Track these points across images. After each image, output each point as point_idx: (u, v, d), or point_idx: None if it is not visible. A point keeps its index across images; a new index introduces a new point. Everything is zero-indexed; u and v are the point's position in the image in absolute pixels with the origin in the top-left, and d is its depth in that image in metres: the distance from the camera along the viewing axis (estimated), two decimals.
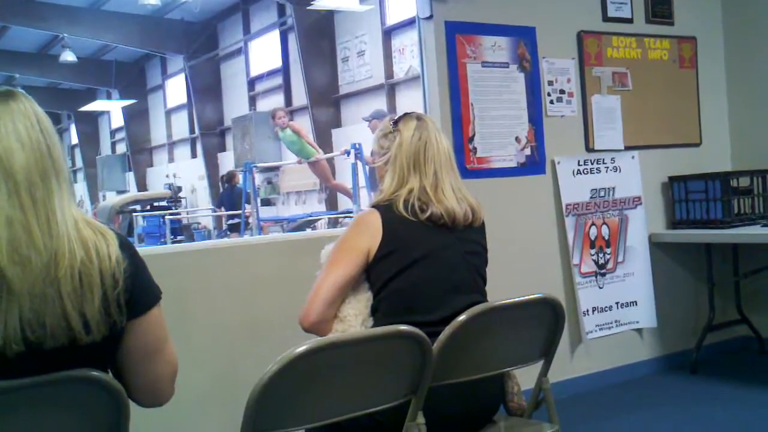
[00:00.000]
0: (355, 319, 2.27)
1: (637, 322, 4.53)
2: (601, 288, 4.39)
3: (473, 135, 3.97)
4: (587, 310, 4.31)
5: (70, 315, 1.46)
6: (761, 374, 4.52)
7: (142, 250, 1.89)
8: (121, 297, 1.54)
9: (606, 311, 4.40)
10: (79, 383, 1.51)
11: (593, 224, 4.38)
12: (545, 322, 2.25)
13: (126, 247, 1.58)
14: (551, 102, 4.28)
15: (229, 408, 3.13)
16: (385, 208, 2.31)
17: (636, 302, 4.52)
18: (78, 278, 1.48)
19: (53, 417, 1.51)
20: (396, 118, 2.47)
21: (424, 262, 2.26)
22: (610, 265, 4.44)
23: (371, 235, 2.26)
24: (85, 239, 1.51)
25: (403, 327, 1.88)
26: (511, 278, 3.35)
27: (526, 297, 2.18)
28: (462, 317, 2.03)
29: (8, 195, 1.46)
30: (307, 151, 9.69)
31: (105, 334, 1.53)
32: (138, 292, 1.60)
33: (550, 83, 4.28)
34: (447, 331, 2.02)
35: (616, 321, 4.44)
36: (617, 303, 4.45)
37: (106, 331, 1.53)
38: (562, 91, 4.32)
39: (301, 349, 1.68)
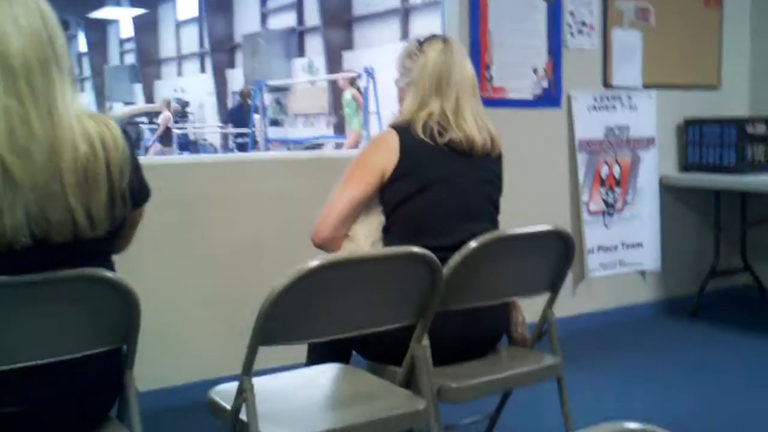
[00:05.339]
0: (365, 239, 2.25)
1: (641, 264, 4.52)
2: (607, 227, 4.38)
3: (490, 63, 3.90)
4: (592, 249, 4.30)
5: (75, 209, 1.45)
6: (760, 322, 4.54)
7: (150, 159, 1.88)
8: (126, 190, 1.54)
9: (611, 251, 4.39)
10: (91, 282, 1.51)
11: (605, 162, 4.34)
12: (555, 255, 2.24)
13: (126, 138, 1.58)
14: (571, 34, 4.18)
15: (228, 314, 3.19)
16: (403, 130, 2.27)
17: (641, 244, 4.50)
18: (83, 172, 1.46)
19: (67, 313, 1.51)
20: (422, 39, 2.40)
21: (438, 186, 2.23)
22: (618, 205, 4.41)
23: (388, 155, 2.23)
24: (89, 132, 1.48)
25: (416, 248, 1.86)
26: (518, 209, 3.31)
27: (538, 228, 2.16)
28: (473, 244, 2.01)
29: (4, 84, 1.42)
30: (352, 121, 10.61)
31: (108, 229, 1.53)
32: (139, 183, 1.63)
33: (572, 14, 4.18)
34: (457, 256, 2.01)
35: (620, 261, 4.43)
36: (623, 243, 4.44)
37: (110, 225, 1.53)
38: (583, 23, 4.22)
39: (314, 263, 1.66)
